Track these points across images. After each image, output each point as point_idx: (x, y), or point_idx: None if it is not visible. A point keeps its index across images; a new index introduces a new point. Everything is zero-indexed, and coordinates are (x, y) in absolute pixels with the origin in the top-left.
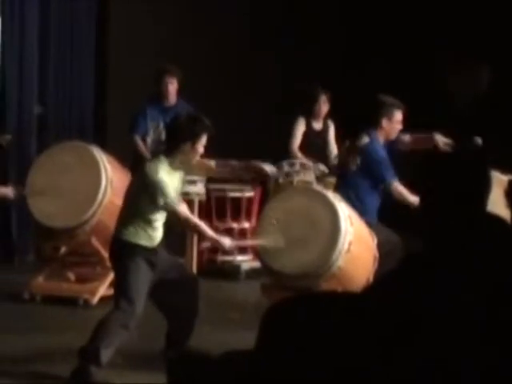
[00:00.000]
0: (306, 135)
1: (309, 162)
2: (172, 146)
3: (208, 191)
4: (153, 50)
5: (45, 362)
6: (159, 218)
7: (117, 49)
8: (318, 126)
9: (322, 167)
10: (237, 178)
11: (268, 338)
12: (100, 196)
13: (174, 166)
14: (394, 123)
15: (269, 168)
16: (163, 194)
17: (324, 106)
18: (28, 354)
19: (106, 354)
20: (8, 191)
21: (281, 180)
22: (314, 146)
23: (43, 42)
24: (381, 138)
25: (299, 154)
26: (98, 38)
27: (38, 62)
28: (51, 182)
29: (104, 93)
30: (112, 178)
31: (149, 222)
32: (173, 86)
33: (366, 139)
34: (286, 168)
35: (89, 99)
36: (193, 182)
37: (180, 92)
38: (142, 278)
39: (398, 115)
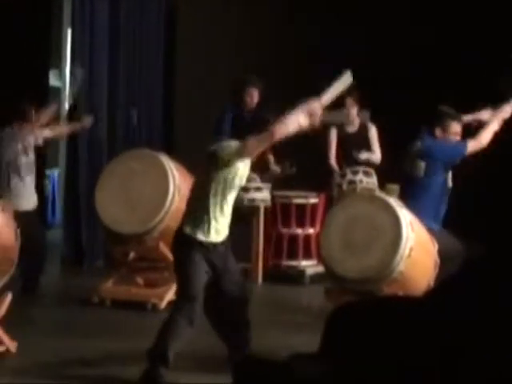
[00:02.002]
0: (340, 141)
1: (371, 170)
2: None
3: (273, 198)
4: (221, 57)
5: (114, 365)
6: (221, 213)
7: (185, 56)
8: (352, 129)
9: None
10: None
11: (331, 341)
12: (168, 203)
13: None
14: (448, 134)
15: None
16: (227, 149)
17: (352, 109)
18: (97, 357)
19: (172, 354)
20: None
21: (344, 187)
22: (351, 148)
23: (113, 51)
24: None
25: (336, 166)
26: (167, 47)
27: (108, 72)
28: (121, 188)
29: (172, 101)
30: (180, 185)
31: (210, 215)
32: (255, 97)
33: (418, 144)
34: (349, 175)
35: (157, 108)
36: (259, 189)
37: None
38: (200, 273)
39: (454, 126)
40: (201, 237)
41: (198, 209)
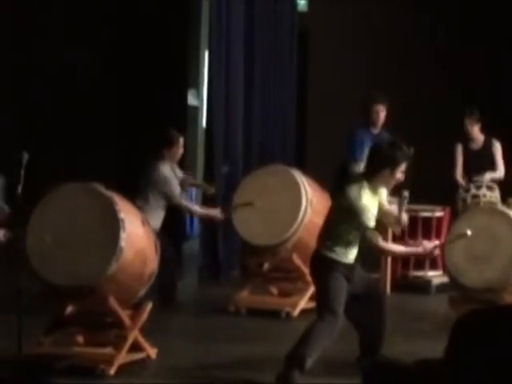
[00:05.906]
0: (465, 157)
1: (494, 184)
2: (372, 171)
3: None
4: (351, 75)
5: (249, 370)
6: (357, 239)
7: (317, 76)
8: (476, 145)
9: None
10: None
11: (457, 348)
12: (301, 216)
13: (373, 191)
14: None
15: None
16: (365, 221)
17: (472, 128)
18: (233, 362)
19: (309, 362)
20: (216, 213)
21: (468, 201)
22: (475, 165)
23: (248, 72)
24: None
25: (461, 181)
26: (299, 68)
27: (244, 91)
28: (256, 202)
29: (305, 121)
30: (312, 199)
31: (348, 242)
32: (383, 114)
33: None
34: (473, 190)
35: (290, 127)
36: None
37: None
38: (342, 290)
39: None
40: (341, 259)
41: (335, 236)
